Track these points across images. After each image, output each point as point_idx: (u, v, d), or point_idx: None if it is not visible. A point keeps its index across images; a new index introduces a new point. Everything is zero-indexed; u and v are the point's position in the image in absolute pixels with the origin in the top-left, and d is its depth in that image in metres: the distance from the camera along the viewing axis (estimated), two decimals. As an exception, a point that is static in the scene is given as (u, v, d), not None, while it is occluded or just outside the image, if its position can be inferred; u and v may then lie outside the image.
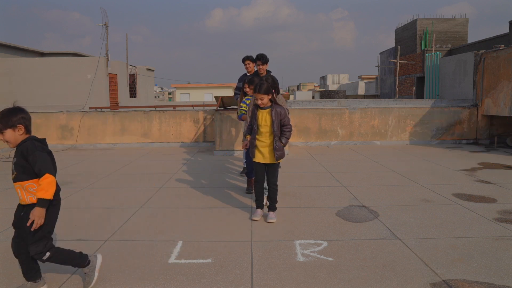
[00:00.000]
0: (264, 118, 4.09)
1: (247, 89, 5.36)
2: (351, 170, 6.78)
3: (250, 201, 4.90)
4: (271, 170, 4.21)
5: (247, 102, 5.27)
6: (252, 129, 4.18)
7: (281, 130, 4.11)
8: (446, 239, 3.58)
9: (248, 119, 4.28)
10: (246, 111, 5.21)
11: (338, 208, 4.56)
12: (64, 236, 3.77)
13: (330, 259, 3.20)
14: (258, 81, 4.30)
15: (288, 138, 4.16)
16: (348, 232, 3.81)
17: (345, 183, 5.83)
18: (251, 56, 6.37)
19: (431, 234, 3.73)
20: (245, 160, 6.04)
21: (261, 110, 4.12)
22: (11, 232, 3.90)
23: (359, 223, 4.06)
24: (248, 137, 4.25)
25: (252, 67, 6.38)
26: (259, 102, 4.07)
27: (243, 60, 6.43)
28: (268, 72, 6.03)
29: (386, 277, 2.89)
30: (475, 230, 3.80)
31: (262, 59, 5.89)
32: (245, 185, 5.56)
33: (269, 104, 4.11)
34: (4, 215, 4.47)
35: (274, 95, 4.21)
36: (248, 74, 6.37)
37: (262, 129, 4.10)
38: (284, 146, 4.17)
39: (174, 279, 2.91)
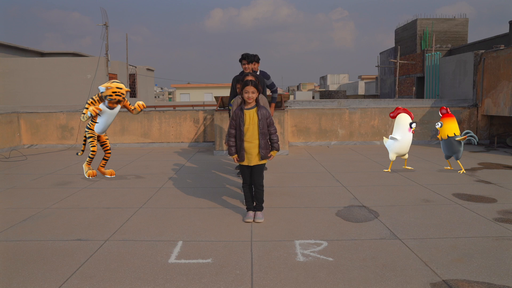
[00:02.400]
0: (252, 117, 4.06)
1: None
2: (351, 170, 6.78)
3: (250, 201, 4.90)
4: (257, 171, 4.18)
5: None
6: (240, 132, 4.09)
7: (268, 131, 4.12)
8: (446, 239, 3.59)
9: (233, 122, 4.14)
10: None
11: (338, 208, 4.56)
12: (64, 236, 3.78)
13: (330, 259, 3.21)
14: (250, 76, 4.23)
15: (277, 142, 4.16)
16: (348, 232, 3.81)
17: (345, 183, 5.83)
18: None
19: (431, 234, 3.73)
20: None
21: (247, 111, 4.09)
22: (11, 232, 3.93)
23: (359, 223, 4.06)
24: (235, 157, 4.17)
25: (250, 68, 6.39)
26: (250, 95, 4.02)
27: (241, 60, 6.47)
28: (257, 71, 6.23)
29: (386, 277, 2.89)
30: (475, 230, 3.80)
31: (247, 58, 5.99)
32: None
33: (255, 103, 4.12)
34: (4, 215, 4.47)
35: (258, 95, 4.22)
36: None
37: (251, 127, 4.05)
38: (277, 150, 4.19)
39: (174, 279, 2.91)
